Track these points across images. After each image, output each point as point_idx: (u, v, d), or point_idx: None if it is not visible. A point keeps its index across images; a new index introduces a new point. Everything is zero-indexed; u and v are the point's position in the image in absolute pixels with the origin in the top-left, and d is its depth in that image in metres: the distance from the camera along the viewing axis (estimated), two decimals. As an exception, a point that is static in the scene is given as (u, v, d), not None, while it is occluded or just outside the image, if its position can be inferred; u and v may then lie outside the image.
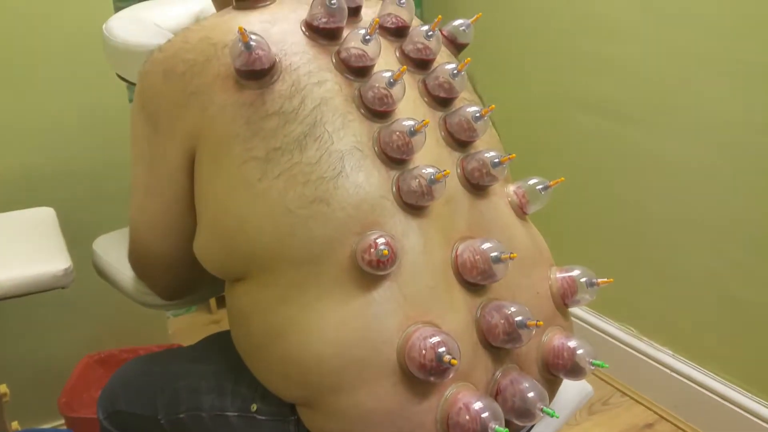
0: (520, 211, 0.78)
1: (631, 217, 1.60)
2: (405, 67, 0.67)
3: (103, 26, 0.98)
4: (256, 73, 0.66)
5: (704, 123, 1.40)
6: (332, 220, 0.64)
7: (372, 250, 0.61)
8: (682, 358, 1.57)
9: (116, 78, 1.05)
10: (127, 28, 0.95)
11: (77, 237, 1.10)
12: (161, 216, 0.78)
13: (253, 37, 0.65)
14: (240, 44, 0.65)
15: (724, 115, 1.35)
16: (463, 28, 0.85)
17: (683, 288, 1.52)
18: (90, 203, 1.32)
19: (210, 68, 0.68)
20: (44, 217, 1.13)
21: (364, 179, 0.66)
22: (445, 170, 0.65)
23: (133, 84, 0.97)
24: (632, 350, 1.66)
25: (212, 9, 1.02)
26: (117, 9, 1.37)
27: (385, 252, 0.61)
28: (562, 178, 0.77)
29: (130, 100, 1.36)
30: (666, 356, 1.60)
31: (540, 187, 0.77)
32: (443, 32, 0.86)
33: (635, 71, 1.50)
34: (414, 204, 0.67)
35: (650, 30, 1.45)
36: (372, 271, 0.62)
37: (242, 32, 0.63)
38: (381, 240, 0.62)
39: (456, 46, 0.86)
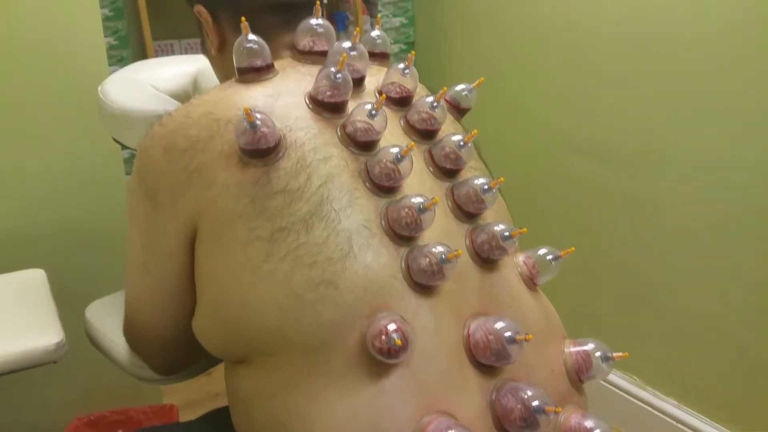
0: (531, 282, 0.76)
1: (632, 263, 1.58)
2: (413, 143, 0.65)
3: (99, 89, 0.96)
4: (261, 151, 0.64)
5: (704, 169, 1.39)
6: (341, 304, 0.62)
7: (383, 337, 0.59)
8: (687, 408, 1.54)
9: (109, 138, 1.02)
10: (124, 91, 0.93)
11: (68, 299, 1.06)
12: (159, 293, 0.75)
13: (258, 116, 0.63)
14: (245, 123, 0.63)
15: (724, 162, 1.35)
16: (466, 93, 0.84)
17: (687, 336, 1.50)
18: (82, 264, 1.28)
19: (213, 145, 0.66)
20: (34, 280, 1.09)
21: (372, 259, 0.64)
22: (456, 250, 0.63)
23: (129, 148, 0.95)
24: (636, 400, 1.63)
25: (210, 69, 1.01)
26: (113, 61, 1.35)
27: (398, 342, 0.58)
28: (572, 249, 0.75)
29: (125, 161, 1.34)
30: (671, 406, 1.57)
31: (550, 257, 0.75)
32: (445, 97, 0.85)
33: (632, 117, 1.50)
34: (425, 284, 0.65)
35: (646, 76, 1.46)
36: (383, 359, 0.60)
37: (248, 113, 0.62)
38: (392, 326, 0.59)
39: (459, 111, 0.85)
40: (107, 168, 1.27)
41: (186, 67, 1.05)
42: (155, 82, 0.99)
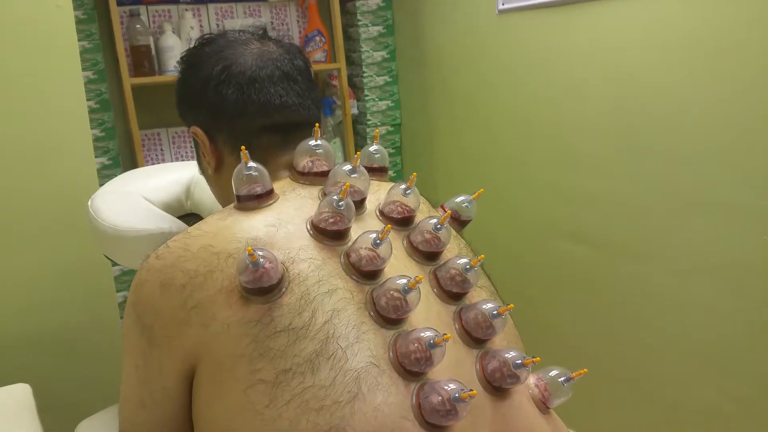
0: (543, 405, 0.73)
1: (628, 351, 1.55)
2: (421, 276, 0.63)
3: (89, 204, 0.94)
4: (263, 289, 0.62)
5: (696, 257, 1.38)
6: None
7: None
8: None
9: (97, 245, 0.99)
10: (116, 208, 0.91)
11: (56, 415, 1.01)
12: (155, 430, 0.71)
13: (260, 253, 0.61)
14: (247, 261, 0.61)
15: (718, 250, 1.35)
16: (466, 204, 0.83)
17: (687, 427, 1.46)
18: (70, 376, 1.22)
19: (213, 281, 0.64)
20: (20, 397, 1.04)
21: (382, 400, 0.61)
22: (471, 390, 0.60)
23: (120, 266, 0.92)
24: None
25: (202, 179, 0.99)
26: (99, 153, 1.31)
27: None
28: (585, 370, 0.73)
29: (114, 264, 1.30)
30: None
31: (562, 379, 0.73)
32: (444, 208, 0.84)
33: (620, 205, 1.50)
34: (437, 424, 0.61)
35: (631, 165, 1.46)
36: None
37: (251, 253, 0.60)
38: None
39: (459, 222, 0.84)
40: (96, 276, 1.23)
41: (178, 175, 1.03)
42: (147, 194, 0.97)
